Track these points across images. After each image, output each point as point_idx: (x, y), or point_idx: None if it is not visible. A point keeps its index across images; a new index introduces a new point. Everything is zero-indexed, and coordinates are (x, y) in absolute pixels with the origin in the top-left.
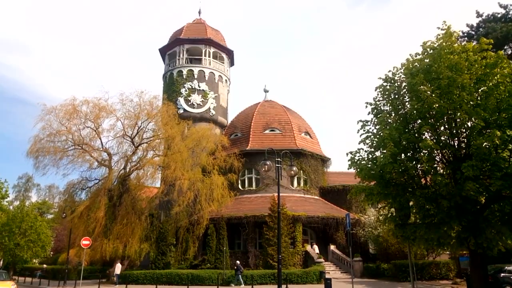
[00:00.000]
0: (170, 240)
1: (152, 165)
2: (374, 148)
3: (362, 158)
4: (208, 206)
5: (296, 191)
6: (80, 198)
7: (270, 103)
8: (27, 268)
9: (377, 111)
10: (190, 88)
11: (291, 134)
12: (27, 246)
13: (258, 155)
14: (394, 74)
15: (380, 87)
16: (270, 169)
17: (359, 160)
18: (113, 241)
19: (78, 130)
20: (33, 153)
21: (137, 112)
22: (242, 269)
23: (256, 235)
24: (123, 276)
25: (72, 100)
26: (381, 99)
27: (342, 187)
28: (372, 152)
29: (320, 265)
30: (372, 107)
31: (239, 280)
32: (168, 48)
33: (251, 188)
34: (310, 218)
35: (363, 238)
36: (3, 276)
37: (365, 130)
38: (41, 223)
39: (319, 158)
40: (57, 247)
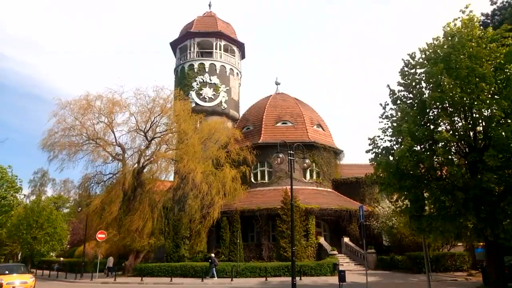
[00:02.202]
0: (184, 233)
1: (165, 158)
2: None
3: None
4: (220, 199)
5: (309, 184)
6: (95, 192)
7: (282, 95)
8: (45, 261)
9: (395, 98)
10: (202, 82)
11: (303, 127)
12: (44, 239)
13: (270, 148)
14: (412, 58)
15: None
16: (282, 162)
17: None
18: (127, 234)
19: (92, 125)
20: (46, 146)
21: (151, 106)
22: (216, 262)
23: (269, 228)
24: (139, 269)
25: (86, 95)
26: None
27: (355, 179)
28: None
29: (333, 257)
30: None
31: (212, 273)
32: (179, 42)
33: (264, 181)
34: (323, 211)
35: (376, 230)
36: (21, 269)
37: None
38: (57, 216)
39: (331, 151)
40: (73, 241)
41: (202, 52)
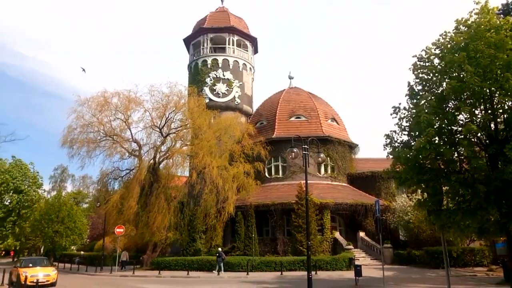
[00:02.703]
0: (199, 227)
1: (180, 154)
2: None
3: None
4: (234, 194)
5: (324, 178)
6: (112, 188)
7: (295, 90)
8: (66, 255)
9: (412, 92)
10: (215, 77)
11: (317, 121)
12: (65, 233)
13: (284, 143)
14: (427, 52)
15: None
16: (297, 157)
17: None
18: (145, 228)
19: (109, 122)
20: (66, 142)
21: (165, 103)
22: (224, 256)
23: (284, 222)
24: (156, 263)
25: (103, 93)
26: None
27: (370, 173)
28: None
29: (349, 252)
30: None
31: (220, 267)
32: (192, 38)
33: (278, 176)
34: (338, 205)
35: (393, 225)
36: (44, 262)
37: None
38: (76, 211)
39: (346, 145)
40: (92, 235)
41: (215, 47)
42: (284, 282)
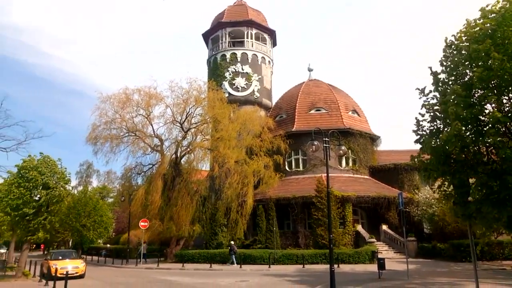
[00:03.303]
0: (221, 221)
1: (201, 148)
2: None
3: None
4: (253, 188)
5: (345, 171)
6: (136, 182)
7: (315, 82)
8: (93, 248)
9: (437, 80)
10: (234, 72)
11: (337, 113)
12: (92, 227)
13: (304, 136)
14: (452, 42)
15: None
16: (317, 150)
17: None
18: (168, 222)
19: (131, 118)
20: (91, 139)
21: (185, 98)
22: (235, 250)
23: (305, 216)
24: (179, 255)
25: (124, 89)
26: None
27: (393, 165)
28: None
29: (372, 245)
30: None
31: (232, 260)
32: (211, 32)
33: (298, 169)
34: (360, 198)
35: (417, 218)
36: (73, 255)
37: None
38: (102, 206)
39: (368, 137)
40: (118, 228)
41: (233, 41)
42: (306, 275)
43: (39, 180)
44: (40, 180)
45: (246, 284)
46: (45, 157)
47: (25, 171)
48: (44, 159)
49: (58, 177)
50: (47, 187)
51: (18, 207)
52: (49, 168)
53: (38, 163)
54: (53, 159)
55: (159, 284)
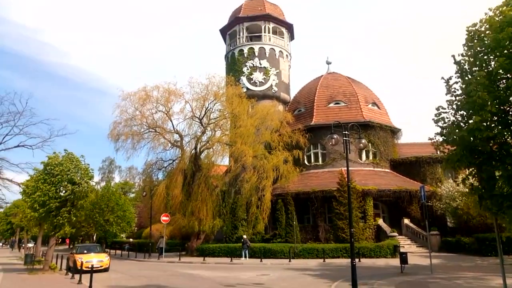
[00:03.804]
0: (241, 215)
1: (220, 143)
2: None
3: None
4: (272, 183)
5: (365, 165)
6: (157, 178)
7: (334, 75)
8: (116, 242)
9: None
10: (252, 66)
11: (357, 106)
12: (115, 222)
13: (323, 130)
14: (476, 30)
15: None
16: (337, 143)
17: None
18: (189, 217)
19: (151, 114)
20: (113, 136)
21: (204, 94)
22: (248, 243)
23: (325, 210)
24: (201, 249)
25: (144, 87)
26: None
27: (415, 158)
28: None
29: (393, 239)
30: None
31: (245, 253)
32: (228, 28)
33: (318, 163)
34: (381, 192)
35: (440, 211)
36: (97, 249)
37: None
38: (124, 201)
39: (388, 130)
40: (140, 223)
41: (251, 36)
42: (327, 269)
43: (64, 176)
44: (65, 176)
45: (267, 278)
46: (69, 153)
47: (51, 167)
48: (68, 155)
49: (82, 173)
50: (72, 183)
51: (45, 203)
52: (73, 164)
53: (63, 160)
54: (76, 155)
55: (181, 277)
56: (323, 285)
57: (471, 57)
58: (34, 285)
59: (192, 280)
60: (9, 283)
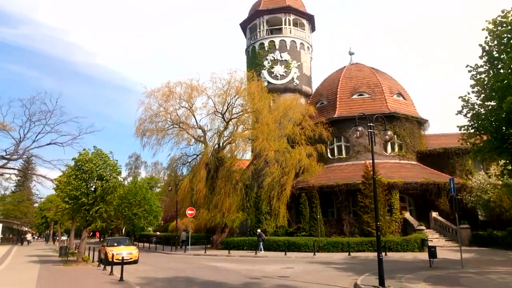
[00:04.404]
0: (264, 209)
1: (242, 138)
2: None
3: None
4: (293, 176)
5: (391, 157)
6: (181, 172)
7: (357, 66)
8: (144, 235)
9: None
10: (273, 60)
11: (381, 97)
12: (143, 216)
13: (346, 122)
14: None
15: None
16: (361, 136)
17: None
18: (212, 210)
19: (175, 110)
20: (139, 133)
21: (226, 89)
22: (264, 237)
23: (349, 203)
24: (225, 243)
25: (167, 83)
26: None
27: (443, 150)
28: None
29: (421, 232)
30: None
31: (260, 247)
32: (248, 21)
33: (341, 157)
34: (407, 185)
35: (470, 204)
36: (126, 241)
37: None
38: (151, 195)
39: (414, 121)
40: (166, 217)
41: (271, 29)
42: (353, 262)
43: (94, 172)
44: (95, 172)
45: (292, 271)
46: (98, 150)
47: (81, 163)
48: (97, 152)
49: (110, 168)
50: (101, 178)
51: (77, 197)
52: (102, 160)
53: (93, 156)
54: (105, 152)
55: (207, 269)
56: (349, 278)
57: (501, 45)
58: (70, 276)
59: (218, 273)
60: (46, 274)
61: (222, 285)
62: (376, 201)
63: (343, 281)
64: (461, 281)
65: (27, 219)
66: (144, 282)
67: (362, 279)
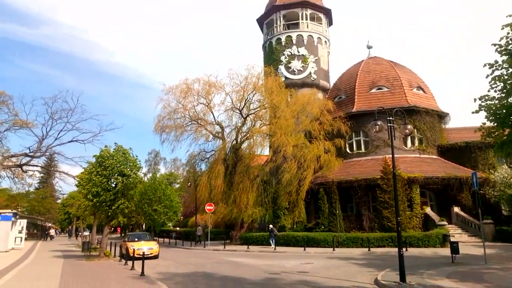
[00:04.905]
0: (283, 204)
1: (260, 134)
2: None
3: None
4: (313, 172)
5: (411, 152)
6: (200, 168)
7: (375, 59)
8: (164, 231)
9: (508, 52)
10: (290, 55)
11: (400, 91)
12: (163, 211)
13: (365, 117)
14: None
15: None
16: (381, 130)
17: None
18: (231, 206)
19: (193, 107)
20: (158, 130)
21: (243, 85)
22: (275, 232)
23: (369, 198)
24: (244, 238)
25: (185, 80)
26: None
27: (464, 144)
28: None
29: (442, 228)
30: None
31: (272, 242)
32: (265, 17)
33: (360, 151)
34: (428, 179)
35: (493, 199)
36: (147, 237)
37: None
38: (171, 191)
39: (435, 114)
40: (185, 212)
41: (288, 24)
42: (373, 258)
43: (115, 168)
44: (116, 168)
45: (311, 266)
46: (119, 146)
47: (102, 160)
48: (118, 148)
49: (131, 164)
50: (122, 175)
51: (98, 194)
52: (123, 157)
53: (114, 152)
54: (125, 148)
55: (227, 264)
56: (369, 274)
57: None
58: (92, 271)
59: (237, 268)
60: (70, 269)
61: (242, 280)
62: (396, 196)
63: (364, 277)
64: (485, 277)
65: (51, 215)
66: (164, 277)
67: (383, 274)
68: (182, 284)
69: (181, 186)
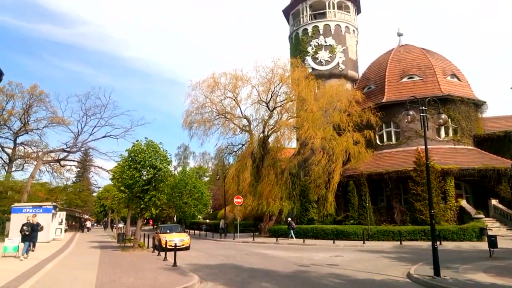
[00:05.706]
0: (311, 197)
1: (287, 126)
2: None
3: None
4: (340, 164)
5: (444, 142)
6: (228, 162)
7: (406, 47)
8: (194, 223)
9: None
10: (317, 45)
11: (433, 79)
12: (193, 204)
13: (395, 107)
14: None
15: None
16: (413, 120)
17: None
18: (258, 198)
19: (220, 101)
20: (187, 125)
21: (270, 77)
22: (293, 225)
23: (400, 191)
24: (273, 230)
25: (212, 74)
26: None
27: (503, 133)
28: None
29: (479, 221)
30: None
31: (291, 235)
32: (291, 7)
33: (391, 143)
34: (463, 171)
35: None
36: (178, 229)
37: None
38: (200, 184)
39: (471, 103)
40: (214, 205)
41: (315, 14)
42: (404, 251)
43: (146, 162)
44: (147, 161)
45: (341, 259)
46: (149, 141)
47: (134, 154)
48: (149, 142)
49: (161, 158)
50: (153, 167)
51: (131, 186)
52: (154, 151)
53: (145, 147)
54: (155, 143)
55: (256, 256)
56: (402, 267)
57: None
58: (127, 261)
59: (267, 260)
60: (107, 259)
61: (271, 272)
62: (430, 189)
63: (396, 270)
64: None
65: (87, 207)
66: (195, 268)
67: (416, 268)
68: (212, 275)
69: (210, 179)
